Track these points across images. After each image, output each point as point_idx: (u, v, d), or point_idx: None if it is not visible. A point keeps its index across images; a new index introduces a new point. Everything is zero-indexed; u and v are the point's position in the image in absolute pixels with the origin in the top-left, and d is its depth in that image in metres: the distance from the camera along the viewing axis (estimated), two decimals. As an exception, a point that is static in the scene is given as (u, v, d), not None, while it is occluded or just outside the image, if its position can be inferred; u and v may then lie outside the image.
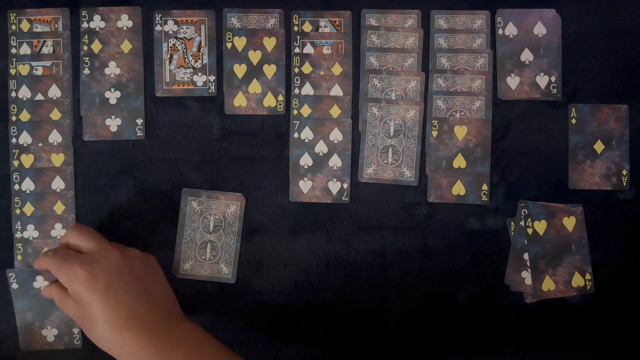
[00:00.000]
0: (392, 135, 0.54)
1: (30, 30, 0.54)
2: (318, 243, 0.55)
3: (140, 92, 0.55)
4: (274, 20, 0.55)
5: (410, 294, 0.55)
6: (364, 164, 0.55)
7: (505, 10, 0.55)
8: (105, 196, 0.54)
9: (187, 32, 0.55)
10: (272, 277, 0.55)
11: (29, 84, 0.54)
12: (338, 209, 0.55)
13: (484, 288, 0.55)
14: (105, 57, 0.55)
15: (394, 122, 0.54)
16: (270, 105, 0.55)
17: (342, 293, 0.55)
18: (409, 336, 0.55)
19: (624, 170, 0.55)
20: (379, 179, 0.54)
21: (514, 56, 0.55)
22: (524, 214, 0.54)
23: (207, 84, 0.55)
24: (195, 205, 0.54)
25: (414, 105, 0.54)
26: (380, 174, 0.54)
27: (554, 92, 0.55)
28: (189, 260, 0.54)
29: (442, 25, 0.55)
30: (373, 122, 0.54)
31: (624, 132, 0.55)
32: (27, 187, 0.54)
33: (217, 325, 0.54)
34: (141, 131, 0.55)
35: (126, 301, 0.45)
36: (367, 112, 0.54)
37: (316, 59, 0.55)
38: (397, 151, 0.55)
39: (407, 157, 0.54)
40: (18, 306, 0.53)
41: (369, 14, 0.55)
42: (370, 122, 0.54)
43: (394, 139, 0.54)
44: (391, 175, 0.55)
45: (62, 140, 0.54)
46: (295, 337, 0.55)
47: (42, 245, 0.54)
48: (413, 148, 0.55)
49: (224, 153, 0.55)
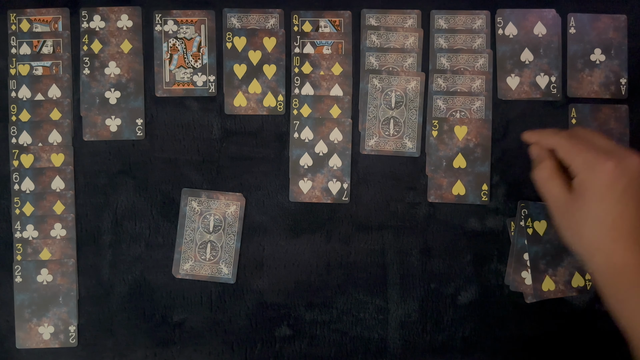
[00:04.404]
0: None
1: (30, 30, 0.54)
2: (318, 243, 0.55)
3: (140, 92, 0.55)
4: (274, 20, 0.55)
5: (410, 294, 0.55)
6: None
7: (505, 10, 0.55)
8: (105, 196, 0.54)
9: (187, 32, 0.55)
10: (272, 277, 0.55)
11: (29, 84, 0.54)
12: (338, 209, 0.55)
13: (484, 288, 0.55)
14: (105, 57, 0.55)
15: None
16: (270, 105, 0.55)
17: (342, 293, 0.55)
18: (409, 336, 0.55)
19: (624, 170, 0.55)
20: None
21: (514, 56, 0.55)
22: (524, 214, 0.54)
23: (207, 84, 0.55)
24: (195, 205, 0.54)
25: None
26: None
27: (554, 92, 0.55)
28: (189, 260, 0.54)
29: (442, 25, 0.55)
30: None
31: (624, 132, 0.55)
32: (27, 187, 0.54)
33: (217, 325, 0.54)
34: (141, 131, 0.55)
35: (633, 215, 0.41)
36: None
37: (316, 59, 0.55)
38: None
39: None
40: (18, 301, 0.53)
41: (369, 14, 0.55)
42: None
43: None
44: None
45: (62, 140, 0.54)
46: (295, 337, 0.55)
47: (42, 245, 0.54)
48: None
49: (224, 153, 0.55)
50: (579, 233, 0.43)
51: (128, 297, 0.54)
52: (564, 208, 0.44)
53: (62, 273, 0.54)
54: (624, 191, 0.41)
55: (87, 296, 0.54)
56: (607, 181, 0.42)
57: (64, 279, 0.54)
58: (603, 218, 0.42)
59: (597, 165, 0.42)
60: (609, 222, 0.41)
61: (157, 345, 0.54)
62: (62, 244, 0.54)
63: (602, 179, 0.42)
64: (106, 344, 0.54)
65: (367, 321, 0.55)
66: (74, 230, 0.54)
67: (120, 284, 0.54)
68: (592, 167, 0.42)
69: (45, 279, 0.53)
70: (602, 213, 0.42)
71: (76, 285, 0.54)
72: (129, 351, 0.54)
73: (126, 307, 0.54)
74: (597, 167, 0.42)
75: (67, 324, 0.54)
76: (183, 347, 0.54)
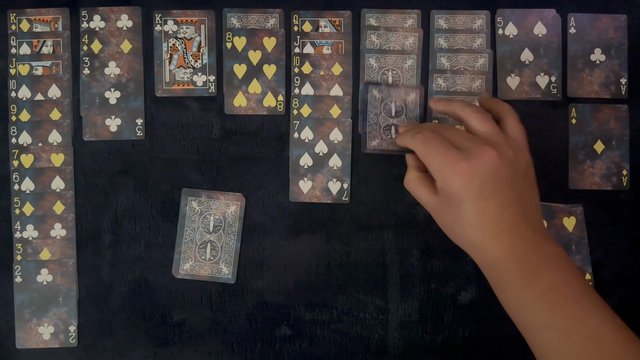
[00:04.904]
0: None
1: (30, 30, 0.54)
2: (318, 243, 0.55)
3: (140, 92, 0.55)
4: (274, 20, 0.55)
5: (410, 294, 0.55)
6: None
7: (505, 10, 0.55)
8: (105, 196, 0.54)
9: (187, 32, 0.55)
10: (272, 277, 0.55)
11: (29, 84, 0.54)
12: (338, 209, 0.55)
13: (484, 288, 0.55)
14: (105, 57, 0.55)
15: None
16: (270, 105, 0.55)
17: (342, 293, 0.55)
18: (409, 336, 0.55)
19: (624, 170, 0.55)
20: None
21: (514, 56, 0.55)
22: (524, 214, 0.54)
23: (207, 84, 0.55)
24: (195, 205, 0.54)
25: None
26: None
27: (554, 92, 0.55)
28: (189, 260, 0.54)
29: (442, 25, 0.55)
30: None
31: (624, 132, 0.55)
32: (27, 187, 0.54)
33: (217, 325, 0.54)
34: (141, 131, 0.55)
35: (495, 209, 0.42)
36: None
37: (316, 59, 0.55)
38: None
39: None
40: (18, 301, 0.53)
41: (369, 14, 0.55)
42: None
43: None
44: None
45: (62, 140, 0.54)
46: (295, 337, 0.55)
47: (42, 245, 0.54)
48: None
49: (224, 153, 0.55)
50: (453, 233, 0.44)
51: (128, 297, 0.54)
52: (436, 211, 0.45)
53: (62, 273, 0.54)
54: (480, 189, 0.42)
55: (87, 296, 0.54)
56: (461, 184, 0.42)
57: (64, 279, 0.54)
58: (468, 218, 0.42)
59: (450, 169, 0.42)
60: (474, 221, 0.42)
61: (157, 345, 0.54)
62: (62, 244, 0.54)
63: (456, 183, 0.42)
64: (106, 344, 0.54)
65: (367, 321, 0.55)
66: (74, 230, 0.54)
67: (120, 284, 0.54)
68: (445, 173, 0.43)
69: (45, 279, 0.53)
70: (466, 214, 0.42)
71: (76, 285, 0.54)
72: (129, 351, 0.54)
73: (126, 307, 0.54)
74: (450, 171, 0.42)
75: (67, 324, 0.54)
76: (183, 347, 0.54)
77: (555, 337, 0.40)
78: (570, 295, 0.41)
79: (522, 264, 0.42)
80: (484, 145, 0.43)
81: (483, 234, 0.42)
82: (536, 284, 0.41)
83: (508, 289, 0.42)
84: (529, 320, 0.42)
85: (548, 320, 0.40)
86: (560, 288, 0.41)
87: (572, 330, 0.40)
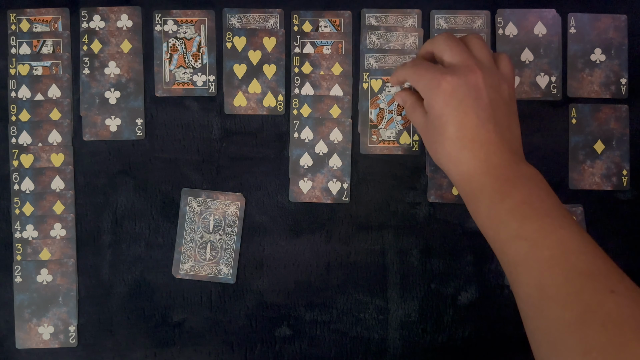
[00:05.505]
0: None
1: (30, 30, 0.54)
2: (318, 243, 0.55)
3: (140, 92, 0.55)
4: (274, 20, 0.55)
5: (410, 294, 0.55)
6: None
7: (505, 10, 0.55)
8: (105, 196, 0.54)
9: (187, 32, 0.55)
10: (272, 277, 0.55)
11: (29, 84, 0.54)
12: (338, 209, 0.55)
13: (484, 288, 0.55)
14: (105, 57, 0.55)
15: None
16: (270, 105, 0.55)
17: (342, 293, 0.55)
18: (409, 336, 0.55)
19: (624, 170, 0.55)
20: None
21: (514, 56, 0.55)
22: (524, 214, 0.54)
23: (207, 84, 0.55)
24: (195, 205, 0.54)
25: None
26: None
27: (554, 92, 0.55)
28: (188, 261, 0.54)
29: (442, 25, 0.55)
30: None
31: (624, 132, 0.55)
32: (27, 187, 0.54)
33: (217, 325, 0.54)
34: (141, 131, 0.55)
35: (474, 123, 0.43)
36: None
37: (316, 59, 0.55)
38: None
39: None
40: (18, 301, 0.53)
41: (369, 13, 0.55)
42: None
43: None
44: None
45: (61, 140, 0.54)
46: (295, 337, 0.55)
47: (42, 246, 0.54)
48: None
49: (224, 153, 0.55)
50: (434, 150, 0.46)
51: (128, 297, 0.54)
52: (423, 130, 0.47)
53: (62, 273, 0.54)
54: (461, 103, 0.44)
55: (87, 296, 0.54)
56: (444, 98, 0.44)
57: (63, 279, 0.54)
58: (447, 130, 0.44)
59: (436, 82, 0.44)
60: (452, 134, 0.44)
61: (157, 346, 0.54)
62: (62, 244, 0.54)
63: (440, 94, 0.44)
64: (106, 344, 0.54)
65: (367, 321, 0.55)
66: (74, 230, 0.54)
67: (120, 284, 0.54)
68: (431, 89, 0.45)
69: (45, 279, 0.53)
70: (446, 125, 0.44)
71: (76, 285, 0.54)
72: (129, 351, 0.54)
73: (126, 307, 0.54)
74: (436, 84, 0.44)
75: (67, 324, 0.54)
76: (183, 347, 0.54)
77: (525, 247, 0.41)
78: (542, 209, 0.42)
79: (498, 178, 0.43)
80: (472, 65, 0.45)
81: (460, 146, 0.44)
82: (510, 198, 0.42)
83: (482, 203, 0.44)
84: (500, 232, 0.43)
85: (519, 232, 0.41)
86: (533, 202, 0.42)
87: (541, 239, 0.40)
